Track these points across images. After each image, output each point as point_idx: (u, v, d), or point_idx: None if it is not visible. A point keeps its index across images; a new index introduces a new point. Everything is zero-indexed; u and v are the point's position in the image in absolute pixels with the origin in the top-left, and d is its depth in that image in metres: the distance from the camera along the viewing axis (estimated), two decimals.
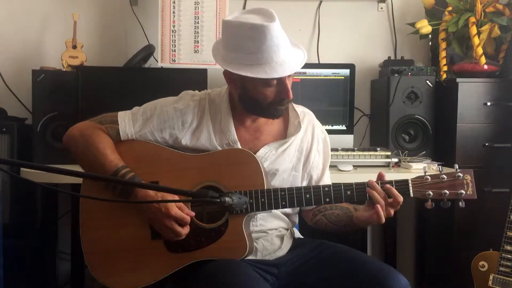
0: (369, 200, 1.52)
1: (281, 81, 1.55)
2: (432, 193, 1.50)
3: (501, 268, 2.15)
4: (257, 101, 1.58)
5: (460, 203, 1.51)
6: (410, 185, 1.52)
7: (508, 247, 2.14)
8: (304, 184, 1.73)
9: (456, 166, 1.53)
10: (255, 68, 1.50)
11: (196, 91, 1.74)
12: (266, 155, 1.65)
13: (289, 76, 1.57)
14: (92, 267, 1.60)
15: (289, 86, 1.57)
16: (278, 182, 1.66)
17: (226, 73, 1.62)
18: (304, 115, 1.74)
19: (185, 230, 1.52)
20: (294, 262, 1.63)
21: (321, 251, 1.64)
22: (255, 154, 1.62)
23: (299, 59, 1.57)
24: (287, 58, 1.52)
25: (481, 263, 2.20)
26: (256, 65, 1.50)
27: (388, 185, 1.50)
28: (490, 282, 2.17)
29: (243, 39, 1.50)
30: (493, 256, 2.18)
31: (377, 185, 1.51)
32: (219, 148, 1.64)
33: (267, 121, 1.70)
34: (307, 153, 1.72)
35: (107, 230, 1.60)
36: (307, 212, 1.75)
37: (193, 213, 1.52)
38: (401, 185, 1.52)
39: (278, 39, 1.50)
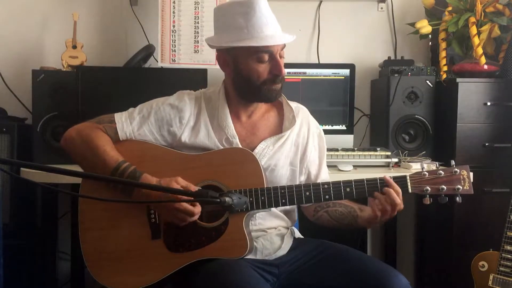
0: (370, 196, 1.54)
1: (272, 57, 1.59)
2: (430, 189, 1.52)
3: (501, 268, 2.15)
4: (251, 80, 1.60)
5: (457, 198, 1.52)
6: (408, 181, 1.53)
7: (508, 247, 2.14)
8: (302, 179, 1.74)
9: (453, 162, 1.55)
10: (245, 41, 1.56)
11: (191, 91, 1.75)
12: (264, 151, 1.66)
13: (281, 57, 1.61)
14: (92, 268, 1.60)
15: (282, 64, 1.60)
16: (277, 177, 1.67)
17: (219, 56, 1.66)
18: (299, 110, 1.76)
19: (197, 209, 1.49)
20: (294, 262, 1.63)
21: (321, 251, 1.64)
22: (253, 150, 1.63)
23: (289, 36, 1.62)
24: (277, 33, 1.59)
25: (481, 263, 2.20)
26: (246, 39, 1.56)
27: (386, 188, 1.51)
28: (490, 282, 2.16)
29: (233, 16, 1.57)
30: (493, 256, 2.18)
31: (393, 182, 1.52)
32: (218, 144, 1.64)
33: (263, 117, 1.72)
34: (304, 148, 1.73)
35: (107, 230, 1.60)
36: (308, 208, 1.76)
37: (197, 187, 1.50)
38: (400, 181, 1.53)
39: (267, 13, 1.58)
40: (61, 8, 2.69)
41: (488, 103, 2.37)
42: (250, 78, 1.60)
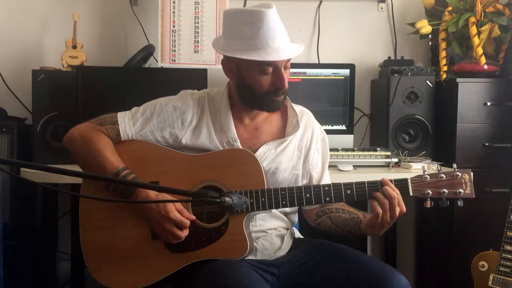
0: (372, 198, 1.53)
1: (276, 69, 1.57)
2: (431, 192, 1.51)
3: (501, 268, 2.15)
4: (253, 90, 1.59)
5: (459, 202, 1.52)
6: (410, 183, 1.52)
7: (508, 247, 2.14)
8: (304, 182, 1.73)
9: (455, 165, 1.54)
10: (250, 52, 1.53)
11: (195, 90, 1.74)
12: (265, 154, 1.65)
13: (285, 68, 1.59)
14: (92, 268, 1.60)
15: (286, 77, 1.58)
16: (278, 180, 1.66)
17: (224, 62, 1.65)
18: (303, 114, 1.75)
19: (184, 233, 1.52)
20: (294, 262, 1.63)
21: (321, 251, 1.64)
22: (254, 153, 1.62)
23: (296, 49, 1.59)
24: (283, 45, 1.55)
25: (481, 263, 2.20)
26: (251, 50, 1.53)
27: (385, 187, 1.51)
28: (490, 282, 2.16)
29: (241, 25, 1.54)
30: (493, 256, 2.18)
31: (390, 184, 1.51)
32: (219, 146, 1.64)
33: (266, 120, 1.71)
34: (306, 151, 1.73)
35: (107, 231, 1.60)
36: (310, 213, 1.75)
37: (193, 217, 1.53)
38: (401, 183, 1.53)
39: (275, 25, 1.53)
40: (61, 8, 2.69)
41: (488, 103, 2.38)
42: (253, 88, 1.59)
